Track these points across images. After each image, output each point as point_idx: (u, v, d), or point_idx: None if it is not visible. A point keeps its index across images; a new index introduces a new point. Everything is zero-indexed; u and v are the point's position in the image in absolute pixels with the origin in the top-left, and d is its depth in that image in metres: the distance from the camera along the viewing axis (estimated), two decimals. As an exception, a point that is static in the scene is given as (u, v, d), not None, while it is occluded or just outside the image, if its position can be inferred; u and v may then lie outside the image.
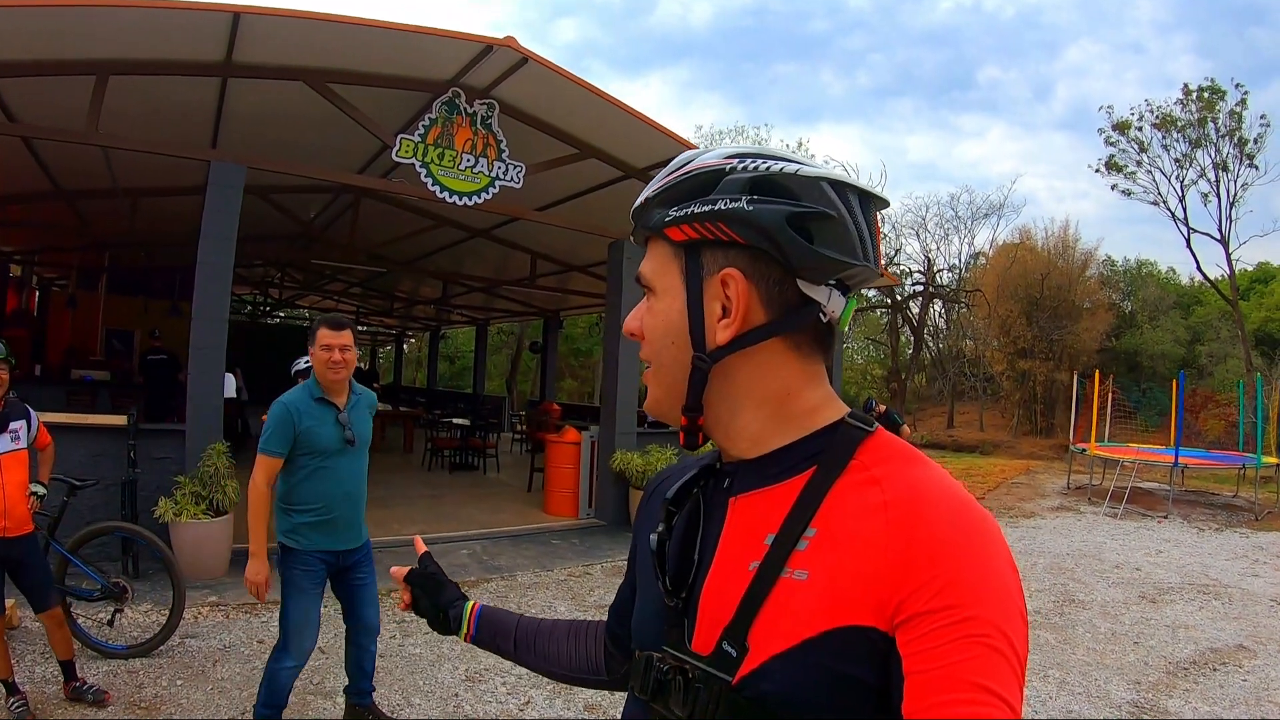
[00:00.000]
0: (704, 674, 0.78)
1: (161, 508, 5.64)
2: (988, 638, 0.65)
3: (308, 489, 3.23)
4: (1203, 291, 31.00)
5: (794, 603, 0.74)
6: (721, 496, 0.87)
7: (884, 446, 0.81)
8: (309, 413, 3.24)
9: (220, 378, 6.48)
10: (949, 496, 0.75)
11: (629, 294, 9.25)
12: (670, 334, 0.85)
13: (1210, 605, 6.87)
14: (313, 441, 3.22)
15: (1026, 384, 27.49)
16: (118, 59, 6.08)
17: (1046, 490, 14.32)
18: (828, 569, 0.73)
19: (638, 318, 0.90)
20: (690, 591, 0.84)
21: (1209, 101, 24.49)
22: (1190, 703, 4.65)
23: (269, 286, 20.34)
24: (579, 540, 8.14)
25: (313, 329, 3.28)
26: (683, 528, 0.89)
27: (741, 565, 0.80)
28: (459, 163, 7.45)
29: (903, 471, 0.78)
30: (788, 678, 0.72)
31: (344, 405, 3.33)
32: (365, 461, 3.46)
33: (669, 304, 0.85)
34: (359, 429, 3.36)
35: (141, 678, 4.07)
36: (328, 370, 3.22)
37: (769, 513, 0.80)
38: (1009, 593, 0.69)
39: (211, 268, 6.35)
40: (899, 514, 0.73)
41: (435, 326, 25.77)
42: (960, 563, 0.69)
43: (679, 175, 0.84)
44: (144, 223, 11.40)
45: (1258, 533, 10.65)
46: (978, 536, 0.72)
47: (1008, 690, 0.64)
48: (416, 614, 1.23)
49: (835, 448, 0.81)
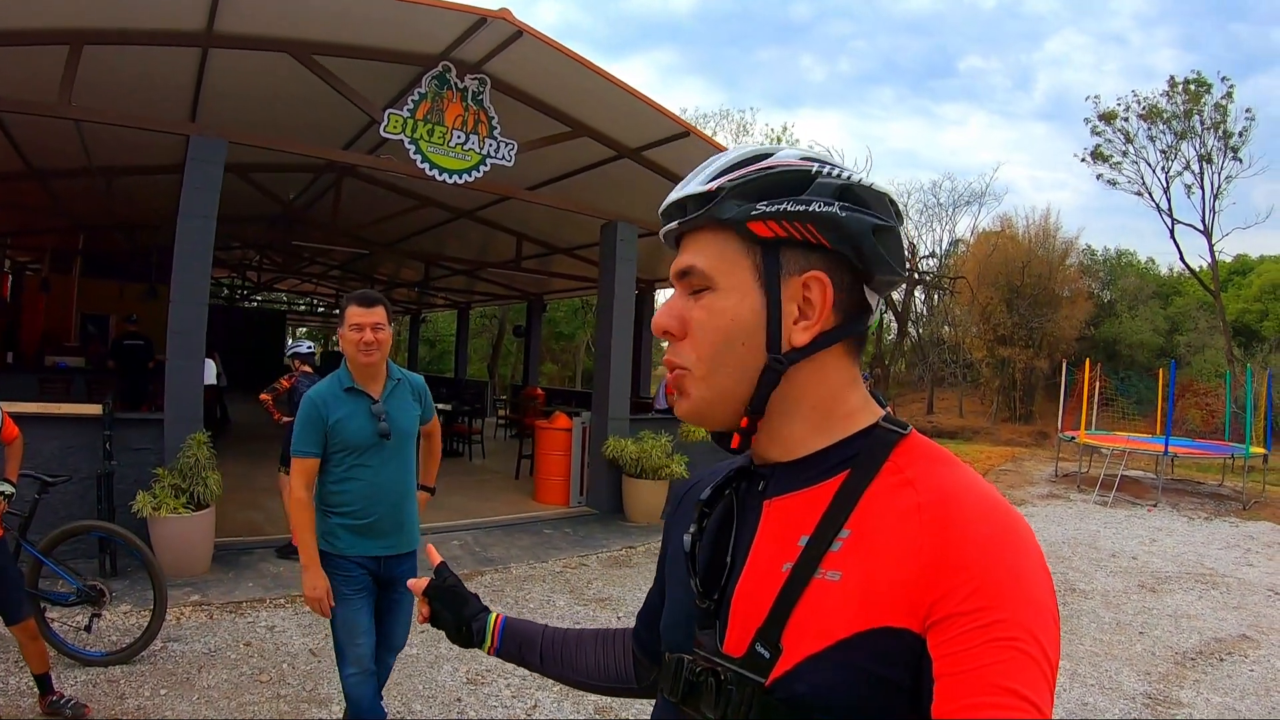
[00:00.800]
0: (736, 676, 0.77)
1: (140, 502, 5.38)
2: (1018, 641, 0.65)
3: (343, 489, 2.93)
4: (1182, 282, 31.37)
5: (827, 604, 0.74)
6: (756, 499, 0.87)
7: (917, 448, 0.82)
8: (338, 405, 2.92)
9: (201, 363, 6.19)
10: (982, 499, 0.75)
11: (621, 276, 9.08)
12: (740, 334, 0.82)
13: (1209, 595, 6.92)
14: (344, 436, 2.91)
15: (1006, 371, 27.74)
16: (92, 28, 5.75)
17: (1035, 478, 14.39)
18: (861, 570, 0.74)
19: (675, 315, 0.86)
20: (722, 593, 0.84)
21: (1195, 94, 24.70)
22: (1202, 694, 4.67)
23: (247, 269, 19.95)
24: (572, 530, 7.99)
25: (341, 307, 2.95)
26: (714, 529, 0.89)
27: (775, 566, 0.80)
28: (449, 139, 7.20)
29: (936, 473, 0.78)
30: (821, 679, 0.72)
31: (379, 394, 2.98)
32: (409, 457, 3.08)
33: (737, 302, 0.82)
34: (397, 420, 2.99)
35: (123, 687, 3.83)
36: (359, 353, 2.87)
37: (804, 515, 0.81)
38: (1041, 596, 0.69)
39: (191, 248, 6.05)
40: (932, 516, 0.73)
41: (416, 310, 25.45)
42: (992, 565, 0.69)
43: (761, 170, 0.82)
44: (120, 203, 11.02)
45: (1246, 522, 10.75)
46: (1010, 539, 0.72)
47: (1037, 694, 0.63)
48: (436, 627, 1.20)
49: (871, 450, 0.82)
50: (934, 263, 32.19)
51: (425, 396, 3.20)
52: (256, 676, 4.06)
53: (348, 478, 2.92)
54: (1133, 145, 26.60)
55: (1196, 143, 25.25)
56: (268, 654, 4.36)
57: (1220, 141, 24.86)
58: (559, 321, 31.29)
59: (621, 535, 7.89)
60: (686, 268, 0.85)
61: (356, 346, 2.87)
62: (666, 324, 0.85)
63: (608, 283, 9.20)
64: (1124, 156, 26.94)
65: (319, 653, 4.40)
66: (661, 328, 0.85)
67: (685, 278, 0.85)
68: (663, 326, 0.85)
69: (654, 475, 8.52)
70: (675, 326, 0.85)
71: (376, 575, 3.00)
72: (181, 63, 6.53)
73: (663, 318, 0.86)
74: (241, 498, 7.58)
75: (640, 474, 8.57)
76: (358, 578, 2.94)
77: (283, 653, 4.40)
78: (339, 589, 2.92)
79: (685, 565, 0.88)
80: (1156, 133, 25.93)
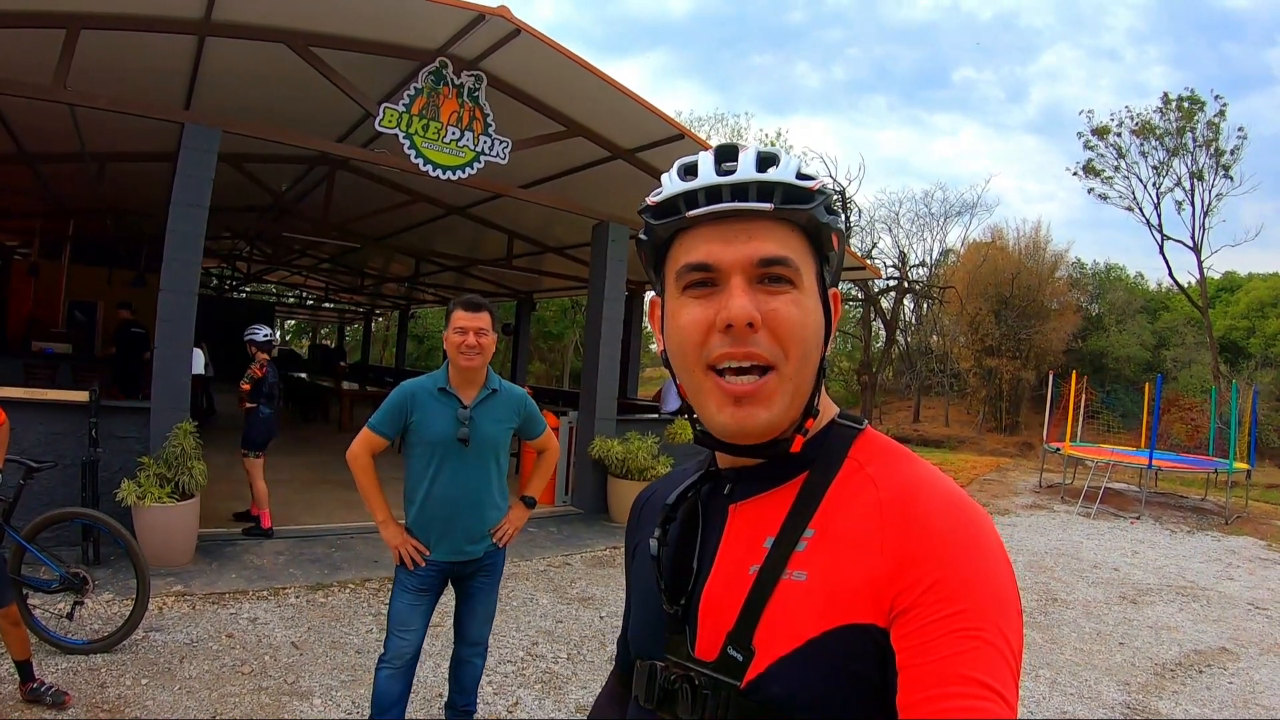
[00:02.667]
0: (711, 680, 0.77)
1: (124, 490, 5.34)
2: (981, 631, 0.65)
3: (415, 480, 2.97)
4: (1169, 297, 31.61)
5: (796, 604, 0.75)
6: (721, 503, 0.88)
7: (875, 444, 0.84)
8: (426, 403, 2.95)
9: (189, 353, 6.15)
10: (942, 493, 0.76)
11: (612, 277, 9.07)
12: (816, 337, 0.83)
13: (1190, 607, 6.95)
14: (423, 434, 2.94)
15: (993, 381, 27.87)
16: (90, 12, 5.71)
17: (1019, 488, 14.43)
18: (827, 568, 0.74)
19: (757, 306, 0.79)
20: (690, 598, 0.84)
21: (1188, 111, 24.88)
22: (1180, 705, 4.70)
23: (237, 260, 19.83)
24: (556, 529, 7.98)
25: (448, 311, 2.97)
26: (678, 534, 0.89)
27: (742, 569, 0.80)
28: (444, 135, 7.18)
29: (896, 469, 0.79)
30: (795, 679, 0.73)
31: (471, 399, 2.99)
32: (490, 466, 3.04)
33: (815, 305, 0.83)
34: (481, 428, 2.97)
35: (104, 676, 3.79)
36: (460, 356, 2.89)
37: (769, 516, 0.81)
38: (1002, 586, 0.69)
39: (182, 236, 6.00)
40: (893, 512, 0.74)
41: (405, 305, 25.35)
42: (953, 558, 0.69)
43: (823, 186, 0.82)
44: (111, 189, 10.91)
45: (1228, 536, 10.80)
46: (971, 532, 0.72)
47: (1002, 684, 0.63)
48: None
49: (830, 449, 0.83)
50: (924, 272, 32.31)
51: (527, 409, 3.19)
52: (238, 668, 4.03)
53: (425, 476, 2.95)
54: (1125, 160, 26.82)
55: (1188, 159, 25.46)
56: (250, 646, 4.34)
57: (1212, 159, 25.07)
58: (548, 321, 31.26)
59: (606, 535, 7.90)
60: (779, 257, 0.80)
61: (459, 349, 2.90)
62: (752, 314, 0.78)
63: (598, 283, 9.19)
64: (1116, 171, 27.17)
65: (301, 645, 4.38)
66: (748, 317, 0.78)
67: (770, 266, 0.80)
68: (749, 316, 0.78)
69: (639, 476, 8.51)
70: (757, 319, 0.79)
71: (445, 574, 3.02)
72: (178, 50, 6.48)
73: (749, 306, 0.78)
74: (226, 489, 7.55)
75: (626, 474, 8.57)
76: (423, 575, 2.96)
77: (265, 645, 4.38)
78: (401, 578, 2.96)
79: (652, 571, 0.88)
80: (1149, 148, 26.13)
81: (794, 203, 0.80)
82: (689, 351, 0.82)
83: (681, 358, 0.83)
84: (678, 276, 0.83)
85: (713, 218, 0.81)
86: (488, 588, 3.12)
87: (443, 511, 2.94)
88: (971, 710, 0.62)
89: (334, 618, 4.92)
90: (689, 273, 0.82)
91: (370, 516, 3.04)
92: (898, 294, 31.28)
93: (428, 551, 2.93)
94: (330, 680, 4.01)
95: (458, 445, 2.93)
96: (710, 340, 0.80)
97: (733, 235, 0.80)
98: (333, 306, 29.81)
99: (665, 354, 0.88)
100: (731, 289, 0.79)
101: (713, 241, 0.81)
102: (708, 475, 0.92)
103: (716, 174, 0.81)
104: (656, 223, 0.85)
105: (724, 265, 0.80)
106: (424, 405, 2.95)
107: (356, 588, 5.53)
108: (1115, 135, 26.66)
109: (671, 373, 0.87)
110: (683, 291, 0.83)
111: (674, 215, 0.83)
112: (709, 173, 0.81)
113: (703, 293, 0.82)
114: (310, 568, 5.87)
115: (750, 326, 0.78)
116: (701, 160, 0.83)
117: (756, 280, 0.80)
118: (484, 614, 3.15)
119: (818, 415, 0.85)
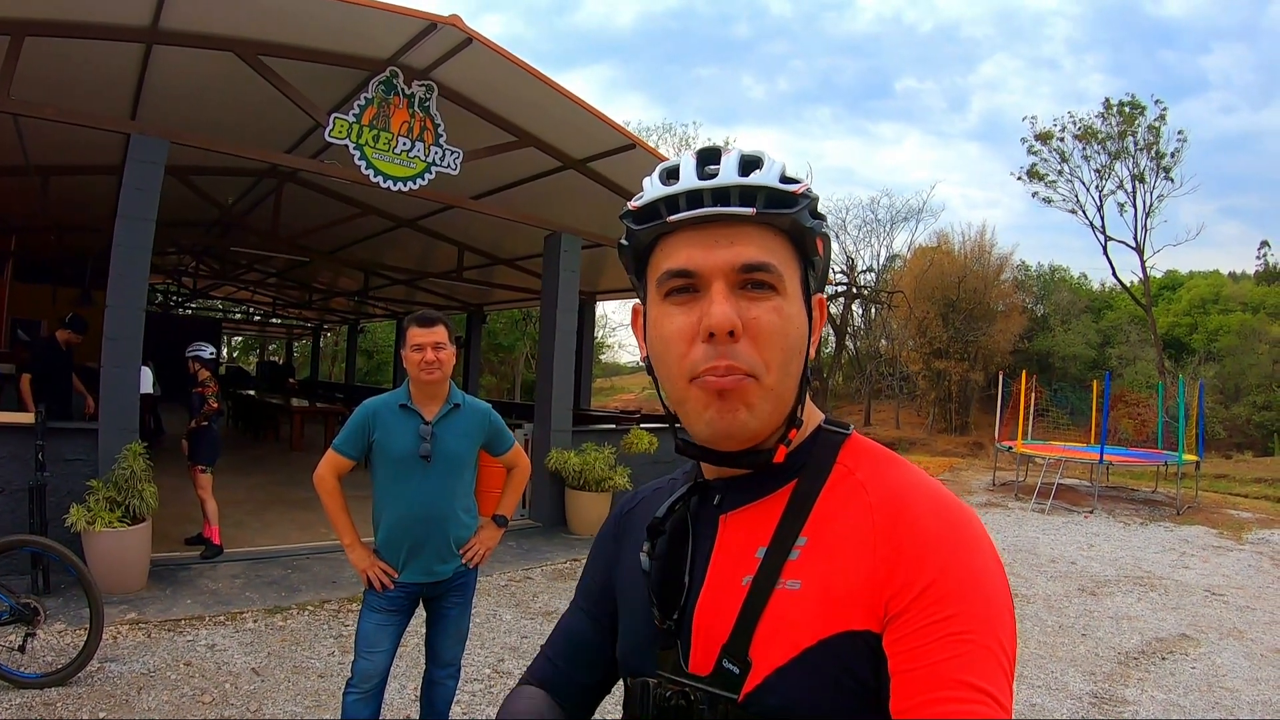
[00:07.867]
0: (707, 695, 0.76)
1: (73, 515, 5.13)
2: (974, 635, 0.65)
3: (381, 500, 2.91)
4: (1113, 297, 32.52)
5: (791, 614, 0.74)
6: (711, 514, 0.87)
7: (862, 449, 0.84)
8: (388, 421, 2.89)
9: (137, 371, 5.96)
10: (933, 497, 0.75)
11: (564, 288, 9.02)
12: (799, 344, 0.81)
13: (1148, 596, 7.12)
14: (385, 451, 2.88)
15: (942, 383, 28.38)
16: (36, 19, 5.53)
17: (973, 487, 14.68)
18: (820, 576, 0.74)
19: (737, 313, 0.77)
20: (682, 613, 0.83)
21: (1129, 116, 25.66)
22: (1147, 691, 4.79)
23: (183, 275, 19.37)
24: (515, 543, 7.86)
25: (402, 329, 2.92)
26: (667, 548, 0.87)
27: (735, 581, 0.79)
28: (394, 146, 7.07)
29: (886, 473, 0.79)
30: (793, 689, 0.72)
31: (433, 415, 2.93)
32: (455, 483, 2.97)
33: (798, 311, 0.81)
34: (444, 444, 2.91)
35: (59, 710, 3.63)
36: (420, 372, 2.84)
37: (760, 526, 0.81)
38: (994, 589, 0.69)
39: (129, 251, 5.82)
40: (884, 516, 0.74)
41: (354, 319, 24.99)
42: (945, 562, 0.69)
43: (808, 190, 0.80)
44: (56, 204, 10.54)
45: (1180, 526, 11.12)
46: (962, 535, 0.72)
47: (996, 687, 0.63)
48: None
49: (818, 456, 0.83)
50: (872, 277, 32.80)
51: (492, 424, 3.12)
52: (198, 697, 3.88)
53: (388, 494, 2.89)
54: (1068, 164, 27.58)
55: (1130, 163, 26.29)
56: (209, 674, 4.19)
57: (1153, 161, 25.92)
58: (498, 333, 31.11)
59: (565, 548, 7.82)
60: (762, 263, 0.78)
61: (419, 366, 2.85)
62: (734, 322, 0.76)
63: (550, 294, 9.13)
64: (1059, 175, 27.92)
65: (262, 671, 4.24)
66: (729, 325, 0.76)
67: (752, 272, 0.78)
68: (730, 324, 0.76)
69: (596, 487, 8.47)
70: (738, 326, 0.77)
71: (418, 596, 2.96)
72: (125, 59, 6.31)
73: (731, 314, 0.76)
74: (177, 510, 7.30)
75: (583, 486, 8.52)
76: (393, 597, 2.89)
77: (224, 672, 4.23)
78: (369, 599, 2.89)
79: (644, 586, 0.86)
80: (1091, 152, 26.91)
81: (777, 207, 0.78)
82: (671, 362, 0.80)
83: (664, 367, 0.82)
84: (659, 282, 0.81)
85: (694, 223, 0.79)
86: (460, 608, 3.05)
87: (411, 530, 2.88)
88: (965, 714, 0.62)
89: (294, 641, 4.78)
90: (670, 279, 0.80)
91: (329, 536, 2.95)
92: (846, 299, 31.70)
93: (396, 574, 2.87)
94: (294, 706, 3.88)
95: (420, 462, 2.88)
96: (693, 351, 0.78)
97: (714, 241, 0.79)
98: (280, 322, 29.27)
99: (648, 360, 0.86)
100: (713, 296, 0.77)
101: (694, 247, 0.79)
102: (696, 487, 0.90)
103: (698, 178, 0.79)
104: (637, 228, 0.83)
105: (705, 271, 0.78)
106: (386, 423, 2.90)
107: (315, 609, 5.38)
108: (1058, 140, 27.44)
109: (654, 379, 0.85)
110: (664, 298, 0.81)
111: (655, 220, 0.81)
112: (690, 176, 0.79)
113: (684, 299, 0.80)
114: (267, 590, 5.70)
115: (731, 335, 0.76)
116: (683, 163, 0.81)
117: (739, 286, 0.78)
118: (456, 634, 3.07)
119: (801, 426, 0.84)
